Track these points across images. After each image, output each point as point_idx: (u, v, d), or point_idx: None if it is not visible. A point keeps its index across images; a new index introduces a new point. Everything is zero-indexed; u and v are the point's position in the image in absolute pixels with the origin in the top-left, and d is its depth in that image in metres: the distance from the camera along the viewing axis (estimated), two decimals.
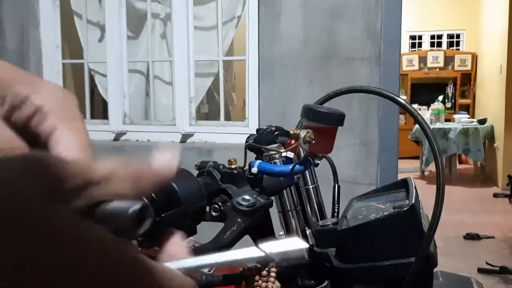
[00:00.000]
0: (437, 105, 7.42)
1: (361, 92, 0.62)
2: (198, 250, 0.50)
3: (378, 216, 0.66)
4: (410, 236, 0.63)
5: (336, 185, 0.86)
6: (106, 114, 2.94)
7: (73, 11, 3.02)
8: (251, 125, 2.56)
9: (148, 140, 2.80)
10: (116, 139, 2.83)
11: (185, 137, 2.71)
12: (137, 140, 2.82)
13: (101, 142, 2.81)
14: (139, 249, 0.80)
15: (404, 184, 0.75)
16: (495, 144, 6.63)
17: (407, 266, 0.61)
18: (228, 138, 2.62)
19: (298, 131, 0.56)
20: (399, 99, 0.60)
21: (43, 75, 2.89)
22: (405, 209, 0.63)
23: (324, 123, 0.54)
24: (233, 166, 0.59)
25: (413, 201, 0.64)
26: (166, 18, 2.92)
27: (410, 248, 0.62)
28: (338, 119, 0.55)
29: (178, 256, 0.35)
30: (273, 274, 0.63)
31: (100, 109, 3.40)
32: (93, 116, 3.07)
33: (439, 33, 9.10)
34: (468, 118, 7.34)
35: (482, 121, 6.92)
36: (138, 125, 2.86)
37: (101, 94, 3.10)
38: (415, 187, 0.71)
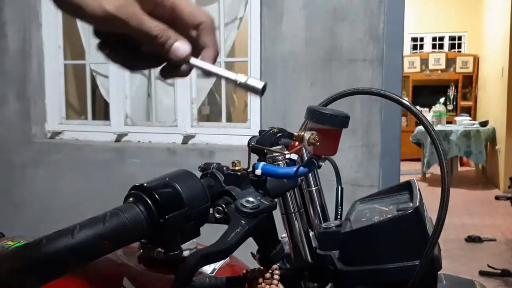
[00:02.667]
0: (438, 107, 7.41)
1: (366, 94, 0.62)
2: (201, 253, 0.50)
3: (381, 218, 0.66)
4: (414, 239, 0.62)
5: (339, 187, 0.86)
6: (108, 115, 2.93)
7: None
8: (253, 127, 2.56)
9: (150, 142, 2.80)
10: (117, 140, 2.83)
11: (186, 138, 2.71)
12: (139, 141, 2.82)
13: (102, 143, 2.81)
14: (141, 250, 0.80)
15: (407, 187, 0.75)
16: (496, 147, 6.62)
17: (411, 269, 0.61)
18: (229, 139, 2.62)
19: (303, 133, 0.56)
20: (404, 101, 0.59)
21: (45, 76, 2.90)
22: (409, 211, 0.63)
23: (328, 124, 0.54)
24: (236, 168, 0.59)
25: (417, 204, 0.64)
26: None
27: (414, 251, 0.61)
28: (343, 120, 0.54)
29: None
30: (276, 276, 0.62)
31: (101, 110, 3.40)
32: (94, 117, 3.07)
33: (441, 35, 9.10)
34: (470, 120, 7.33)
35: (483, 123, 6.91)
36: (139, 126, 2.86)
37: (103, 95, 3.10)
38: (419, 190, 0.70)
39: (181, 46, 0.51)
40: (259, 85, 0.51)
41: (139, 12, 0.49)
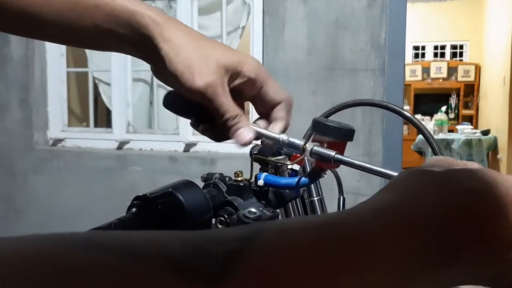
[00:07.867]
0: (440, 116, 7.41)
1: (368, 105, 0.62)
2: None
3: None
4: None
5: (341, 197, 0.86)
6: (110, 123, 2.94)
7: None
8: None
9: (151, 149, 2.80)
10: (119, 147, 2.83)
11: (188, 146, 2.71)
12: (140, 149, 2.82)
13: (104, 150, 2.82)
14: None
15: None
16: (498, 156, 6.61)
17: None
18: (231, 147, 2.62)
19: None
20: (406, 113, 0.60)
21: (47, 83, 2.91)
22: None
23: (332, 137, 0.54)
24: (239, 179, 0.59)
25: None
26: None
27: None
28: (346, 133, 0.55)
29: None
30: None
31: (103, 118, 3.41)
32: (96, 125, 3.07)
33: (443, 43, 9.12)
34: (471, 129, 7.33)
35: (485, 132, 6.90)
36: (141, 134, 2.86)
37: (105, 102, 3.11)
38: None
39: (245, 132, 0.56)
40: (299, 142, 0.55)
41: (222, 92, 0.55)
